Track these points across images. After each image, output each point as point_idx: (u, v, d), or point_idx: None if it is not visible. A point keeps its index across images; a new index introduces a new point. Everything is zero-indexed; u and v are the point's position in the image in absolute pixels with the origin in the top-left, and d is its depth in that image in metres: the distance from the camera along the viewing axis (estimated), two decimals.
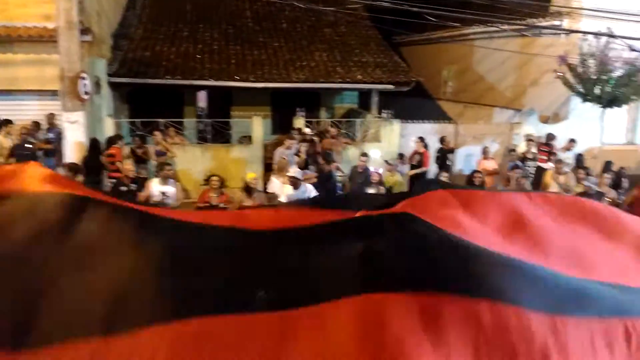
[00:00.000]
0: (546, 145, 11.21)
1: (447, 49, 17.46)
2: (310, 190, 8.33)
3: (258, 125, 11.88)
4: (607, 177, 9.20)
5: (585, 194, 8.54)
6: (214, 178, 7.71)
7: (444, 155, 11.43)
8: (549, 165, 10.40)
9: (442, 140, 11.56)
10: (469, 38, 16.01)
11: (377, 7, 11.79)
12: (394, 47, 16.42)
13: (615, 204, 8.61)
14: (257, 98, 14.18)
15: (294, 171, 8.93)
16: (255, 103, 14.17)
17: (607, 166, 10.00)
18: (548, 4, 13.12)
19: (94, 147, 9.65)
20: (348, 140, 12.04)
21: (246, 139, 12.49)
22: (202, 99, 13.78)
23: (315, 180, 9.36)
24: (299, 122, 12.33)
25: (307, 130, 11.42)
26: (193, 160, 11.05)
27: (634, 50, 10.94)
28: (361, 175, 10.06)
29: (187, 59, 13.28)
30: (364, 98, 14.85)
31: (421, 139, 11.22)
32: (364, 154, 10.10)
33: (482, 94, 15.82)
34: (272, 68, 13.38)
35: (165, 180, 7.61)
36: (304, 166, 9.84)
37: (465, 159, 12.23)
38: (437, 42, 17.71)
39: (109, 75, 11.69)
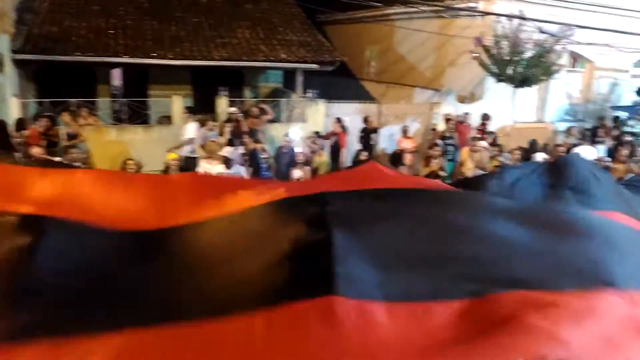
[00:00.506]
0: (481, 125, 11.78)
1: (369, 29, 17.62)
2: (241, 170, 8.20)
3: (178, 105, 11.42)
4: (517, 153, 9.77)
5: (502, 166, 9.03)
6: (130, 162, 7.36)
7: (367, 135, 11.58)
8: (484, 143, 10.88)
9: (365, 120, 11.70)
10: (391, 18, 16.23)
11: None
12: (317, 26, 16.31)
13: None
14: (176, 76, 13.60)
15: (226, 150, 8.73)
16: (175, 82, 13.59)
17: (532, 147, 10.55)
18: None
19: (2, 129, 8.84)
20: (269, 111, 11.81)
21: (166, 120, 11.98)
22: (116, 77, 13.01)
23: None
24: (222, 101, 11.98)
25: (233, 109, 11.13)
26: (108, 143, 10.44)
27: (543, 32, 11.57)
28: (286, 156, 9.99)
29: (99, 34, 12.44)
30: (289, 77, 14.68)
31: (338, 119, 11.32)
32: (288, 134, 10.03)
33: (404, 74, 16.15)
34: (192, 45, 12.84)
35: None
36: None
37: (389, 139, 12.46)
38: (360, 22, 17.82)
39: (13, 52, 10.71)
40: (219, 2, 14.99)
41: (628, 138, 11.84)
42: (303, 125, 12.07)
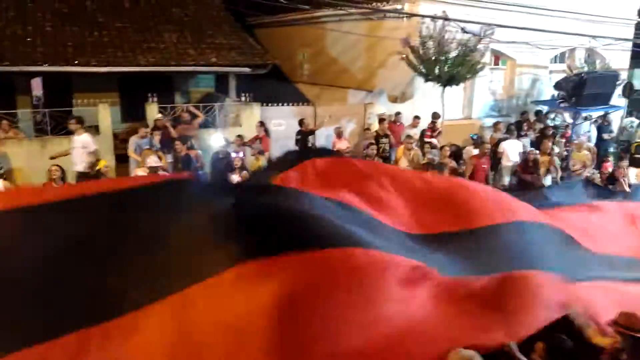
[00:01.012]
0: (431, 123, 12.22)
1: (301, 32, 17.68)
2: None
3: (105, 114, 10.99)
4: (448, 149, 10.14)
5: (429, 165, 9.31)
6: (54, 167, 7.07)
7: (304, 138, 11.61)
8: (435, 141, 11.46)
9: (301, 122, 11.72)
10: (321, 21, 16.36)
11: None
12: (247, 30, 16.19)
13: (456, 172, 9.52)
14: (102, 84, 13.05)
15: (152, 160, 8.46)
16: (101, 89, 13.04)
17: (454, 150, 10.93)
18: None
19: None
20: (198, 113, 11.59)
21: (92, 129, 11.47)
22: (37, 86, 12.35)
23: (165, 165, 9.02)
24: (152, 108, 11.62)
25: (159, 116, 10.83)
26: (31, 156, 9.86)
27: (466, 32, 12.04)
28: (222, 161, 9.84)
29: (15, 42, 11.74)
30: (221, 81, 14.46)
31: (261, 123, 11.33)
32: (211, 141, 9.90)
33: (337, 75, 16.32)
34: (117, 51, 12.37)
35: None
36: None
37: (326, 140, 12.55)
38: (290, 25, 17.83)
39: None
40: (143, 6, 14.53)
41: (550, 131, 12.56)
42: (239, 130, 11.95)
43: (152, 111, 11.50)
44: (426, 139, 11.80)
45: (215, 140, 10.41)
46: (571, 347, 3.21)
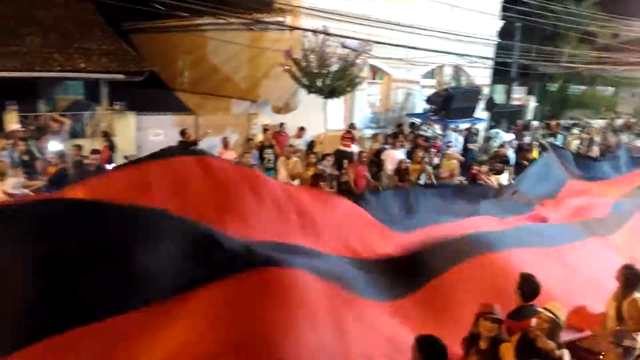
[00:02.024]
0: (348, 132, 12.52)
1: (181, 39, 17.09)
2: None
3: None
4: (330, 160, 10.34)
5: (319, 176, 9.41)
6: None
7: (186, 148, 11.16)
8: (354, 148, 11.65)
9: (182, 132, 11.27)
10: (201, 29, 15.95)
11: None
12: (122, 35, 15.29)
13: (338, 180, 9.75)
14: None
15: (10, 184, 7.55)
16: None
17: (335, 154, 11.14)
18: (272, 0, 13.89)
19: None
20: (64, 120, 10.68)
21: None
22: None
23: (40, 185, 8.13)
24: (11, 116, 10.47)
25: (16, 127, 9.77)
26: None
27: (345, 47, 12.43)
28: (94, 174, 9.10)
29: None
30: (92, 89, 13.47)
31: (105, 133, 10.78)
32: (94, 151, 9.14)
33: (220, 85, 16.00)
34: None
35: None
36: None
37: (209, 150, 12.19)
38: (170, 31, 17.17)
39: None
40: (2, 7, 13.09)
41: (422, 141, 13.35)
42: (113, 140, 11.20)
43: (11, 120, 10.36)
44: (344, 148, 11.83)
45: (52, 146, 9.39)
46: (443, 347, 3.42)
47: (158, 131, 12.00)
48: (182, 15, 13.47)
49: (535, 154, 13.39)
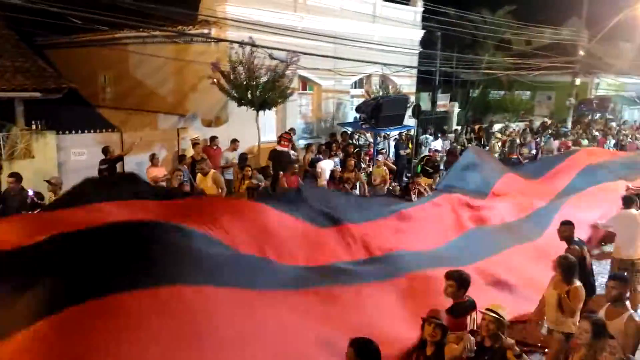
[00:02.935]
0: (287, 133, 13.00)
1: (101, 53, 16.40)
2: None
3: None
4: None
5: (254, 189, 9.30)
6: None
7: (111, 166, 10.65)
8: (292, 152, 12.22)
9: (105, 150, 10.75)
10: (122, 42, 15.39)
11: (9, 4, 10.03)
12: (36, 50, 14.43)
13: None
14: None
15: None
16: None
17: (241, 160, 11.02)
18: (196, 12, 13.63)
19: None
20: None
21: None
22: None
23: None
24: None
25: None
26: None
27: (274, 58, 12.39)
28: (15, 199, 8.47)
29: None
30: (6, 108, 12.55)
31: None
32: (12, 175, 8.51)
33: (145, 99, 15.47)
34: None
35: None
36: None
37: (137, 167, 11.71)
38: (88, 46, 16.43)
39: None
40: None
41: (354, 149, 13.53)
42: (31, 162, 10.50)
43: None
44: (281, 148, 12.09)
45: None
46: (377, 349, 3.48)
47: (81, 150, 11.38)
48: (101, 29, 12.94)
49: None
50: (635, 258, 7.23)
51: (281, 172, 10.75)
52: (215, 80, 11.98)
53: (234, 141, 12.36)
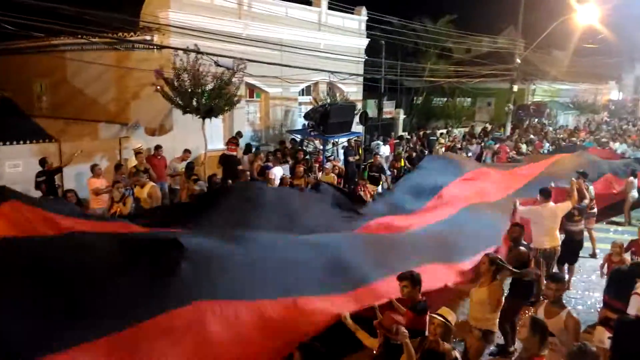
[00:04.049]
0: (234, 138, 13.30)
1: (36, 61, 15.68)
2: None
3: None
4: (218, 178, 10.13)
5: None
6: None
7: (49, 178, 10.15)
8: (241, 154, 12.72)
9: (42, 161, 10.22)
10: (59, 49, 14.77)
11: None
12: None
13: None
14: None
15: None
16: None
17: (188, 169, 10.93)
18: (137, 19, 13.27)
19: None
20: None
21: None
22: None
23: None
24: None
25: None
26: None
27: (219, 65, 12.20)
28: None
29: None
30: None
31: None
32: None
33: (84, 108, 14.88)
34: None
35: None
36: None
37: (76, 178, 11.21)
38: (23, 53, 15.65)
39: None
40: None
41: (303, 157, 13.51)
42: None
43: None
44: (230, 152, 12.40)
45: None
46: (324, 353, 3.55)
47: (16, 162, 10.79)
48: (37, 36, 12.35)
49: (402, 162, 14.31)
50: (553, 246, 7.70)
51: (229, 180, 10.58)
52: (158, 87, 11.66)
53: (186, 151, 12.09)
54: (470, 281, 6.16)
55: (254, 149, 14.15)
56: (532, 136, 21.52)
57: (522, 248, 6.45)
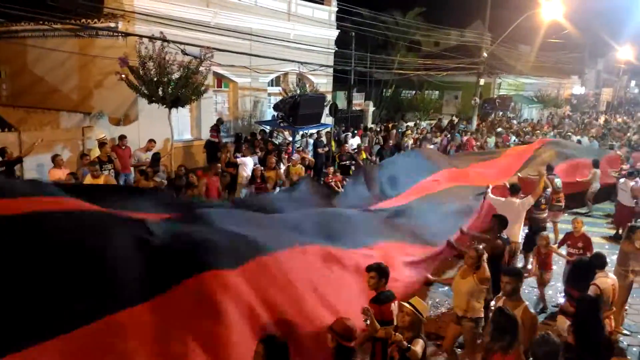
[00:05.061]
0: (215, 126, 14.09)
1: None
2: None
3: None
4: (182, 169, 9.95)
5: (158, 188, 9.02)
6: None
7: (8, 168, 9.80)
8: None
9: (1, 151, 9.86)
10: (19, 36, 14.25)
11: None
12: None
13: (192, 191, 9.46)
14: None
15: None
16: None
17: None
18: (101, 5, 12.90)
19: None
20: None
21: None
22: None
23: None
24: None
25: None
26: None
27: (186, 54, 11.99)
28: None
29: None
30: None
31: None
32: None
33: (46, 97, 14.41)
34: None
35: None
36: None
37: (37, 169, 10.87)
38: None
39: None
40: None
41: (274, 148, 13.44)
42: None
43: None
44: (212, 139, 13.18)
45: None
46: (285, 345, 3.56)
47: None
48: None
49: (363, 155, 14.40)
50: (514, 241, 7.79)
51: (198, 173, 10.44)
52: (123, 76, 11.37)
53: (151, 141, 11.85)
54: (438, 273, 6.26)
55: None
56: (499, 129, 21.95)
57: (499, 241, 6.57)
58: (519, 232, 8.09)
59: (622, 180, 11.90)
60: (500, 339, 4.01)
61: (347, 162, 13.09)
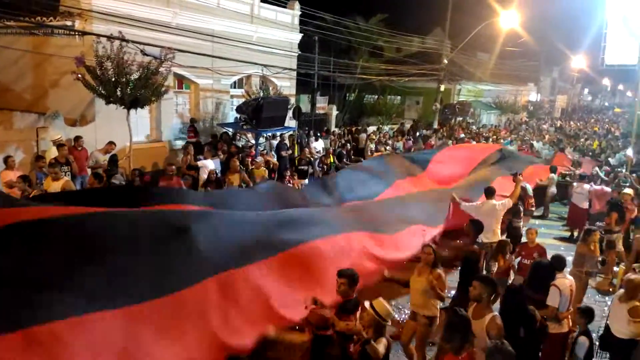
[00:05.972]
0: (191, 126, 14.79)
1: None
2: None
3: None
4: (136, 173, 9.74)
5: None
6: None
7: None
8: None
9: None
10: None
11: None
12: None
13: None
14: None
15: None
16: None
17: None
18: (57, 3, 12.51)
19: None
20: None
21: None
22: None
23: None
24: None
25: None
26: None
27: (146, 54, 11.74)
28: None
29: None
30: None
31: None
32: None
33: None
34: None
35: None
36: None
37: None
38: None
39: None
40: None
41: (236, 151, 13.33)
42: None
43: None
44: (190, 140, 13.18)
45: None
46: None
47: None
48: None
49: (331, 158, 14.50)
50: (493, 242, 8.00)
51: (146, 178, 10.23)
52: (79, 75, 11.03)
53: (110, 143, 11.53)
54: (403, 269, 6.32)
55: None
56: (462, 135, 22.43)
57: (475, 246, 6.66)
58: (499, 233, 8.30)
59: (575, 183, 12.39)
60: (452, 339, 4.03)
61: (305, 167, 13.09)
